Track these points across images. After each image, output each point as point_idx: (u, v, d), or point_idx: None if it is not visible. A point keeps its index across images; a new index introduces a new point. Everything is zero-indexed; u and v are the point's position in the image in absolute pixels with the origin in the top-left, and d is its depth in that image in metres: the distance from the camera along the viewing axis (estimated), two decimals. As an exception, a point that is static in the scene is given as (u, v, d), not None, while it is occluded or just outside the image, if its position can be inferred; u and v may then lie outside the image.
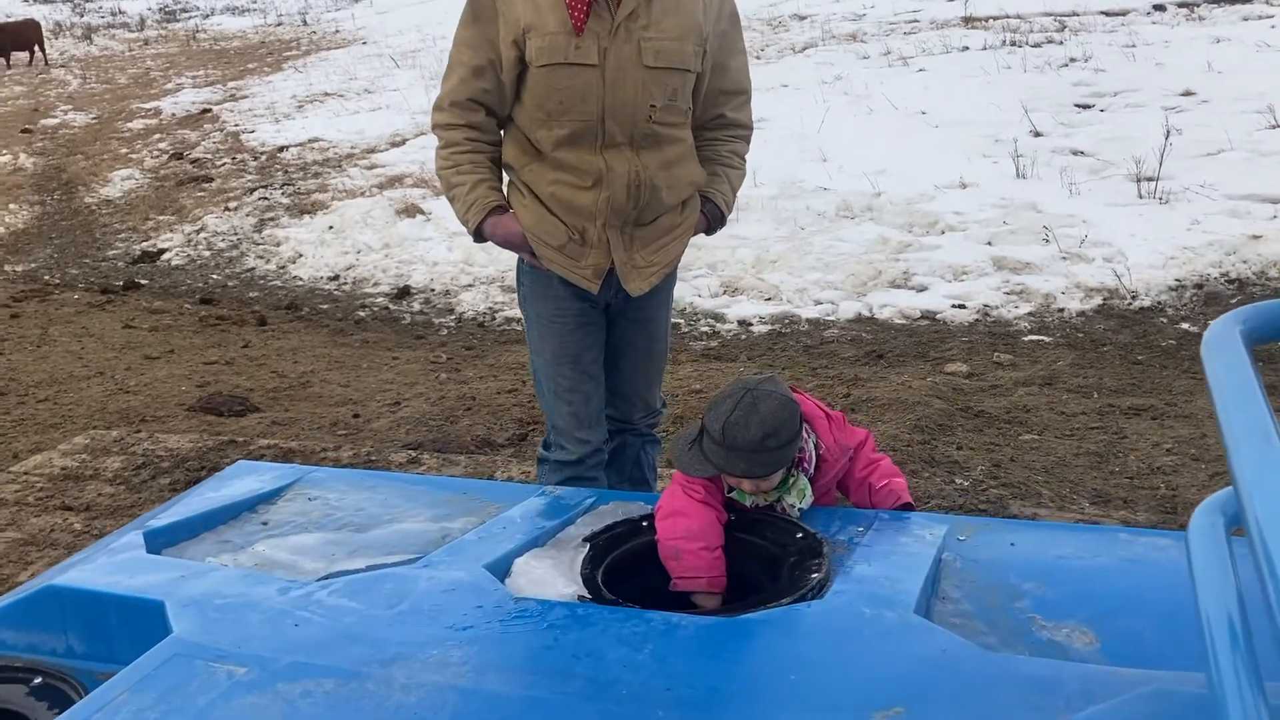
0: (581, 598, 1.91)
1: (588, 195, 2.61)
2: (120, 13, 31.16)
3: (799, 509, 2.22)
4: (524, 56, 2.56)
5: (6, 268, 8.89)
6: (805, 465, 2.26)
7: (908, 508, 2.34)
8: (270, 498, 2.47)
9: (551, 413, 2.86)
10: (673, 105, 2.64)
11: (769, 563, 2.10)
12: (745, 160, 2.89)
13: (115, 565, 2.08)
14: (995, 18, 13.08)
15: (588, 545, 2.12)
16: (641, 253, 2.71)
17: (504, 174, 2.76)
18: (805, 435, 2.25)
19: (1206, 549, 1.23)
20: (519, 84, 2.61)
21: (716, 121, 2.80)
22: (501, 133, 2.73)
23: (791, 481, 2.23)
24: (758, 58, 13.38)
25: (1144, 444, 4.30)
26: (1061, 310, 6.09)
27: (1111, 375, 5.15)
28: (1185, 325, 5.78)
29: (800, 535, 2.10)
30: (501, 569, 2.02)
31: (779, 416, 2.14)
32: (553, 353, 2.78)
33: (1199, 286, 6.16)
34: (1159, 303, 6.06)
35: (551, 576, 2.02)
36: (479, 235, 2.69)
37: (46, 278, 8.52)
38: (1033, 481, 3.98)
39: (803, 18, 15.94)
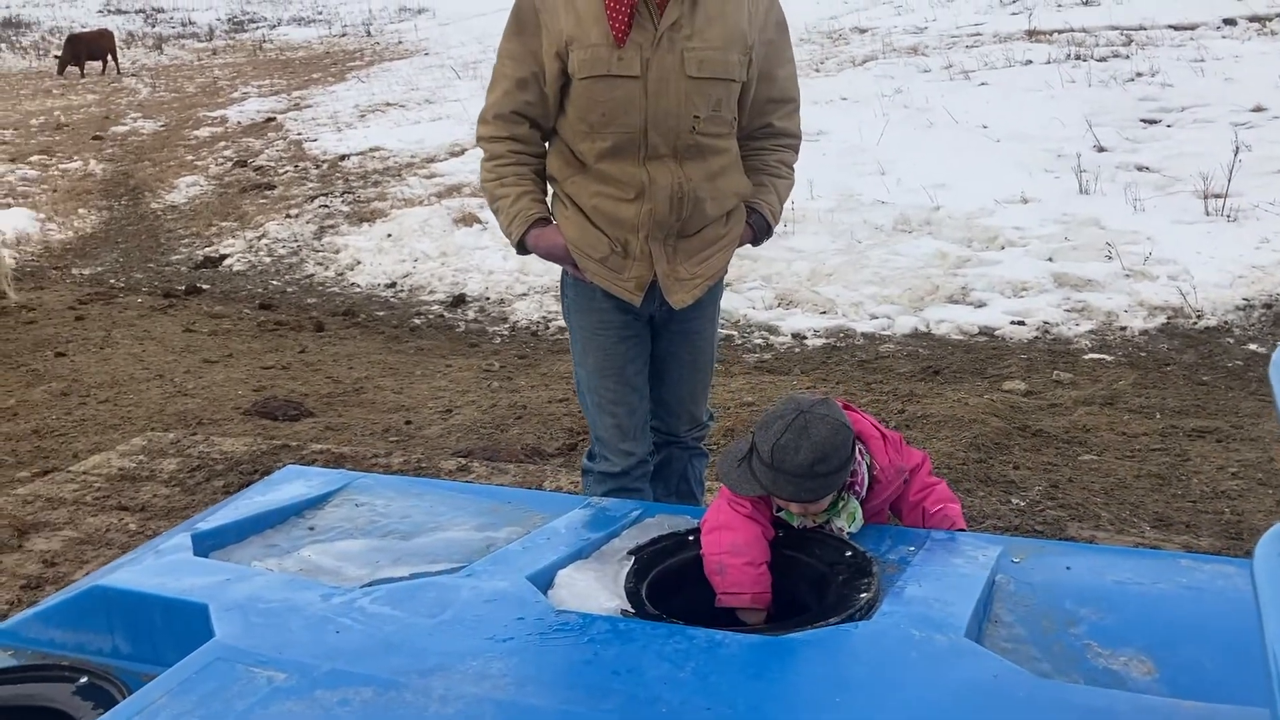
0: (624, 612, 1.89)
1: (630, 207, 2.59)
2: (190, 23, 31.83)
3: (848, 532, 2.17)
4: (567, 68, 2.55)
5: (74, 270, 9.08)
6: (857, 488, 2.20)
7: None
8: (317, 503, 2.47)
9: (595, 424, 2.84)
10: (716, 115, 2.60)
11: (817, 581, 2.06)
12: (793, 170, 2.85)
13: (162, 567, 2.09)
14: (1060, 31, 12.90)
15: (632, 559, 2.10)
16: (685, 265, 2.68)
17: (548, 186, 2.75)
18: (859, 457, 2.19)
19: (1274, 578, 1.18)
20: (562, 96, 2.60)
21: (764, 130, 2.76)
22: (546, 145, 2.72)
23: (841, 505, 2.18)
24: (817, 70, 13.32)
25: (1208, 467, 4.18)
26: (1124, 329, 5.96)
27: (1175, 396, 5.03)
28: (1253, 346, 5.63)
29: (849, 554, 2.06)
30: (544, 580, 2.01)
31: (830, 443, 2.08)
32: (596, 364, 2.76)
33: (1268, 306, 6.01)
34: (1225, 322, 5.91)
35: (594, 589, 1.99)
36: (521, 248, 2.68)
37: (111, 281, 8.68)
38: (1091, 503, 3.89)
39: (863, 31, 15.86)
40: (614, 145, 2.56)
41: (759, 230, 2.79)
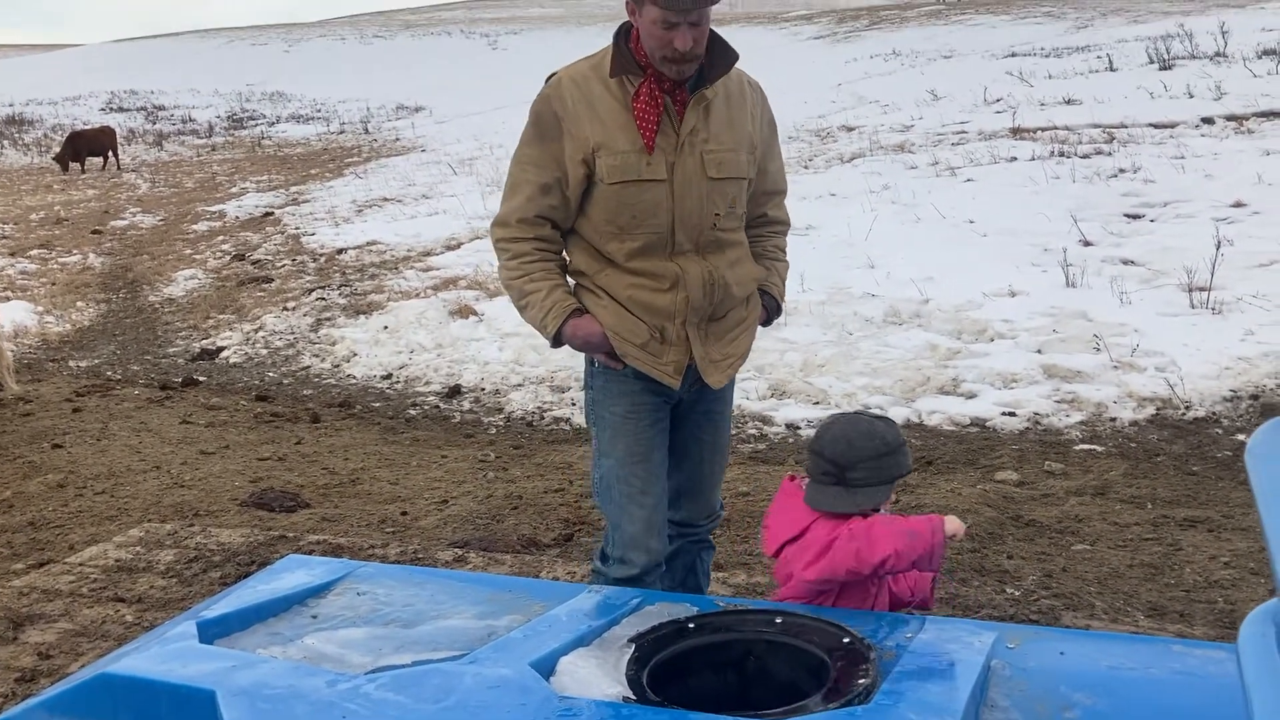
0: (626, 698, 1.91)
1: (666, 297, 2.71)
2: (190, 120, 32.41)
3: None
4: (592, 174, 2.65)
5: (71, 363, 9.14)
6: None
7: (924, 605, 2.58)
8: (320, 591, 2.49)
9: (621, 519, 2.84)
10: (732, 212, 2.78)
11: (815, 668, 2.08)
12: (786, 253, 3.06)
13: (168, 654, 2.11)
14: (1043, 129, 13.21)
15: (633, 645, 2.12)
16: (717, 346, 2.81)
17: (569, 279, 2.83)
18: None
19: (1258, 660, 1.22)
20: (584, 199, 2.70)
21: (760, 219, 2.95)
22: (563, 241, 2.81)
23: None
24: (806, 167, 13.60)
25: (1200, 556, 4.21)
26: (1114, 420, 6.03)
27: (1166, 486, 5.08)
28: (1241, 436, 5.69)
29: (847, 640, 2.08)
30: (547, 667, 2.03)
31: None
32: (626, 451, 2.80)
33: (1255, 397, 6.09)
34: (1213, 413, 5.98)
35: (596, 676, 2.01)
36: (557, 340, 2.74)
37: (109, 373, 8.73)
38: (1085, 592, 3.91)
39: (851, 129, 16.22)
40: (644, 245, 2.69)
41: (771, 310, 2.97)
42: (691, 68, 2.61)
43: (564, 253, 2.83)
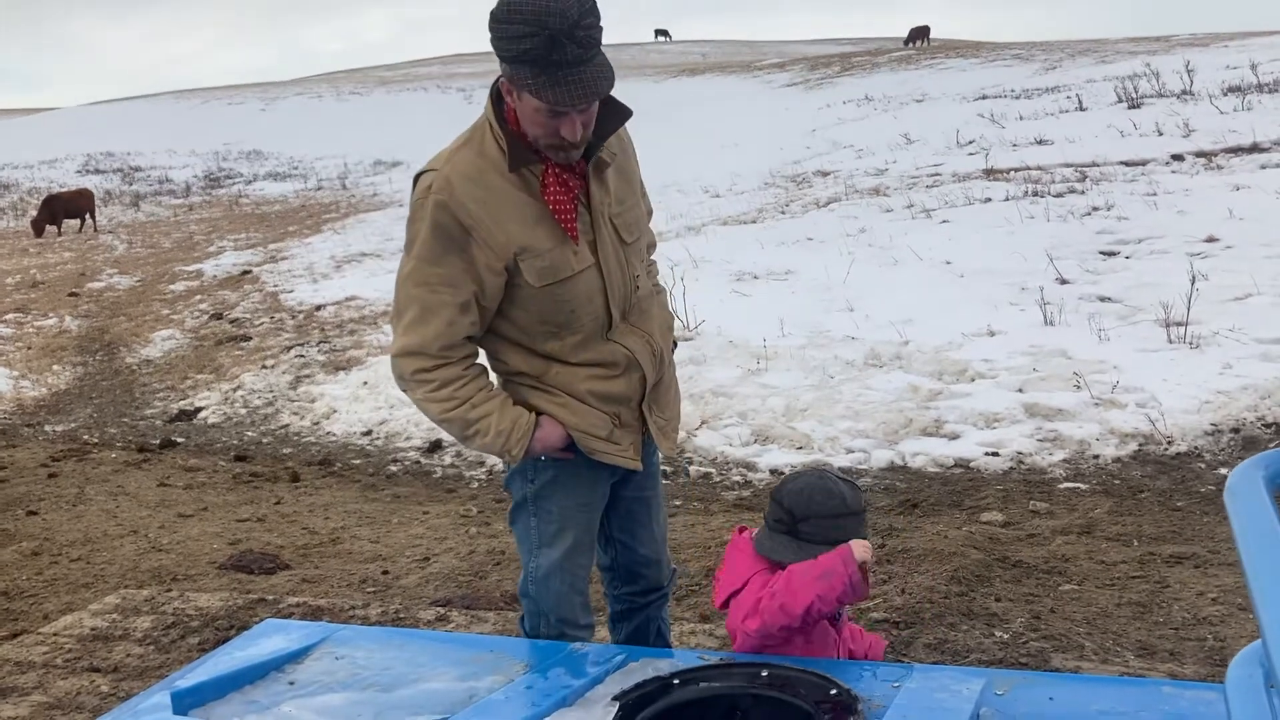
0: (610, 759, 1.87)
1: (621, 382, 2.56)
2: (167, 180, 32.44)
3: None
4: (513, 279, 2.42)
5: (47, 428, 9.05)
6: None
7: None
8: (297, 656, 2.45)
9: (560, 608, 2.67)
10: (646, 269, 2.67)
11: (802, 721, 2.05)
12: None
13: (140, 728, 2.06)
14: (1016, 169, 13.37)
15: (617, 704, 2.09)
16: (663, 413, 2.71)
17: (500, 380, 2.63)
18: None
19: (1245, 702, 1.20)
20: (503, 304, 2.47)
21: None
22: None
23: None
24: (783, 212, 13.70)
25: (1188, 593, 4.19)
26: (1096, 457, 6.03)
27: (1151, 523, 5.06)
28: (1223, 470, 5.70)
29: (834, 691, 2.06)
30: (529, 729, 1.99)
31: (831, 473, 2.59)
32: (574, 543, 2.64)
33: (1235, 430, 6.10)
34: (1195, 448, 5.99)
35: (579, 737, 1.98)
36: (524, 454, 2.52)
37: (85, 437, 8.65)
38: (1074, 633, 3.88)
39: (826, 174, 16.36)
40: (584, 336, 2.51)
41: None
42: (579, 152, 2.39)
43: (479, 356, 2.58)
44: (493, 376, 2.60)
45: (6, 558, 5.57)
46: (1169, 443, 6.07)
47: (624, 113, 2.46)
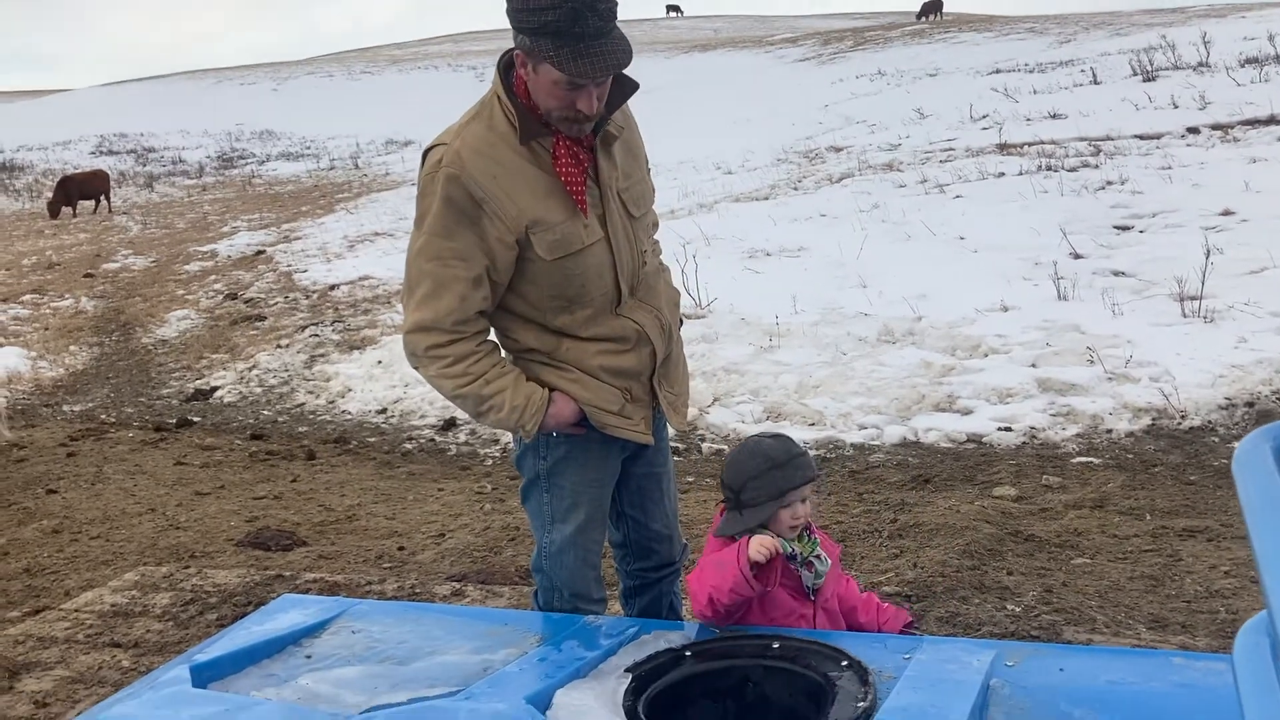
0: (623, 729, 1.90)
1: (631, 356, 2.58)
2: (180, 161, 32.49)
3: (820, 579, 2.52)
4: (524, 252, 2.42)
5: (65, 408, 9.11)
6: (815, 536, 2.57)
7: (910, 627, 2.69)
8: (314, 631, 2.48)
9: (573, 583, 2.70)
10: (654, 245, 2.68)
11: (814, 692, 2.07)
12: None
13: (161, 700, 2.10)
14: (1030, 144, 13.28)
15: (630, 676, 2.11)
16: (672, 388, 2.72)
17: (510, 357, 2.63)
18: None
19: (1253, 671, 1.21)
20: (514, 279, 2.48)
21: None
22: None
23: (815, 541, 2.54)
24: (795, 188, 13.65)
25: (1200, 566, 4.20)
26: (1109, 431, 6.02)
27: (1164, 496, 5.06)
28: (1237, 444, 5.69)
29: (845, 664, 2.07)
30: (543, 701, 2.01)
31: (781, 435, 2.61)
32: (586, 518, 2.66)
33: (1250, 404, 6.08)
34: (1209, 422, 5.98)
35: (593, 709, 2.00)
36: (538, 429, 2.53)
37: (103, 416, 8.71)
38: (1086, 607, 3.89)
39: (839, 149, 16.29)
40: (595, 311, 2.52)
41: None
42: (590, 125, 2.40)
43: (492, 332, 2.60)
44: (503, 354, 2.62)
45: (28, 535, 5.63)
46: (1183, 417, 6.05)
47: (631, 86, 2.45)
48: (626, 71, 2.42)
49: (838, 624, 2.56)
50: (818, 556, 2.51)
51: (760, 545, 2.38)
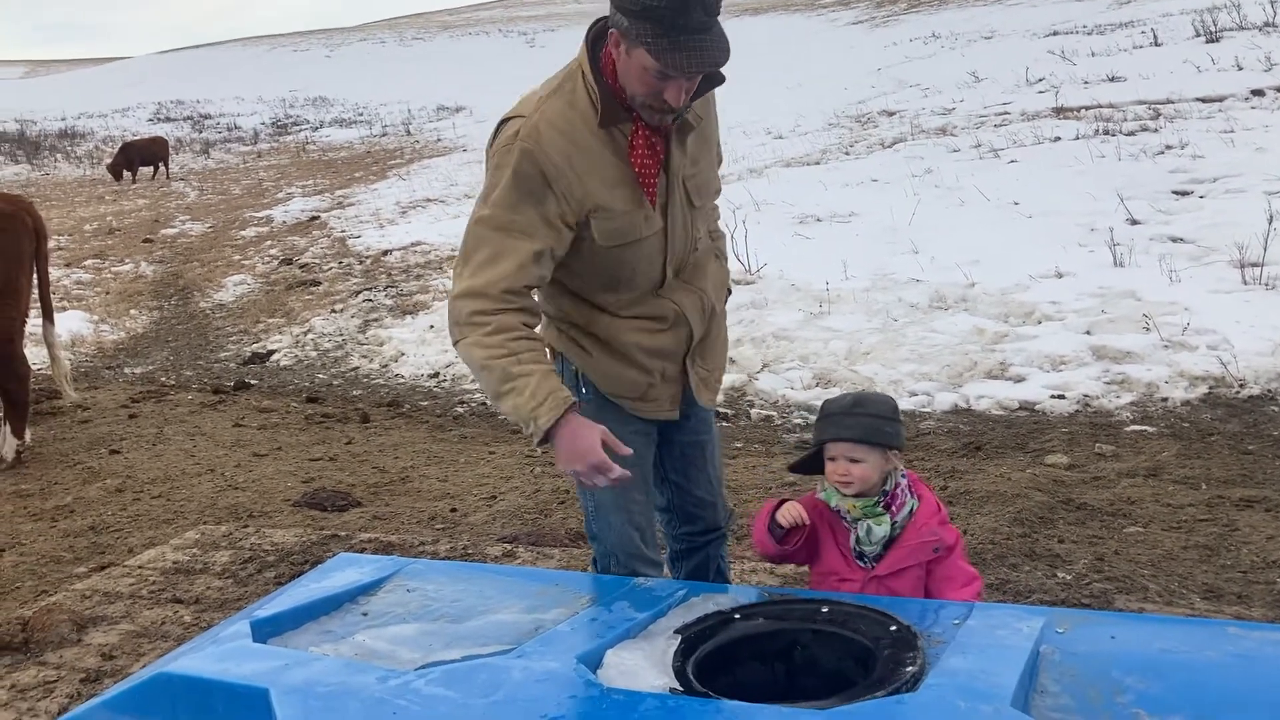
0: (673, 690, 1.92)
1: (668, 336, 2.57)
2: (236, 128, 32.84)
3: (869, 545, 2.52)
4: (581, 233, 2.39)
5: (126, 370, 9.30)
6: (894, 510, 2.53)
7: None
8: (370, 589, 2.53)
9: (623, 544, 2.69)
10: (710, 232, 2.67)
11: (862, 656, 2.08)
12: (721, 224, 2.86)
13: (223, 653, 2.15)
14: (1087, 108, 13.02)
15: (679, 637, 2.13)
16: (706, 364, 2.71)
17: (543, 325, 2.60)
18: (908, 492, 2.56)
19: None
20: (566, 255, 2.44)
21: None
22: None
23: (879, 511, 2.50)
24: (847, 153, 13.52)
25: (1257, 537, 4.15)
26: (1165, 400, 5.94)
27: (1220, 466, 5.00)
28: (1298, 414, 5.59)
29: (894, 628, 2.08)
30: (594, 660, 2.04)
31: (875, 395, 2.60)
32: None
33: (1311, 374, 5.97)
34: (1269, 391, 5.88)
35: (643, 668, 2.03)
36: (544, 436, 2.32)
37: (163, 379, 8.88)
38: (1138, 575, 3.87)
39: (891, 114, 16.09)
40: (640, 293, 2.53)
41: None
42: (673, 116, 2.35)
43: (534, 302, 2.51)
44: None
45: (92, 494, 5.78)
46: (1241, 385, 5.96)
47: (718, 78, 2.40)
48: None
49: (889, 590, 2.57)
50: (870, 523, 2.51)
51: (786, 511, 2.53)
